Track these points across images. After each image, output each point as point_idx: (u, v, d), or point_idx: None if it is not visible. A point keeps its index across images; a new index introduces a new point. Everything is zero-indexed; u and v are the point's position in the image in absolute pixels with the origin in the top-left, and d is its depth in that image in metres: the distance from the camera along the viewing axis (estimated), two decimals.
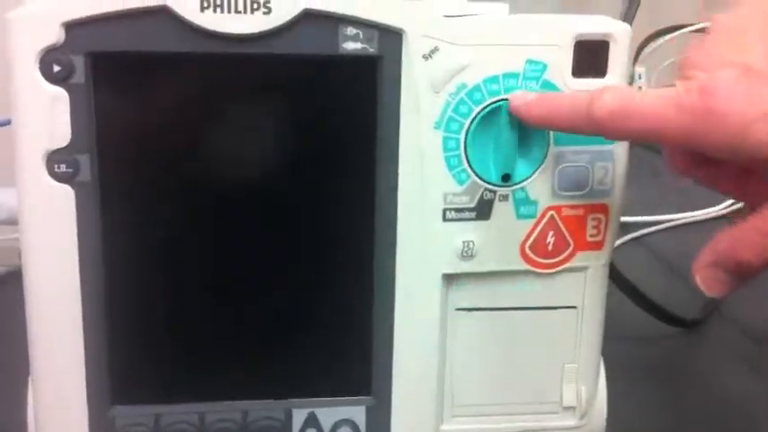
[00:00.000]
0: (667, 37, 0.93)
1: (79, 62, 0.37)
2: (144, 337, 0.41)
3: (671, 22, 0.95)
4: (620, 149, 0.42)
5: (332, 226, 0.41)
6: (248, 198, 0.40)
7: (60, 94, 0.37)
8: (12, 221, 0.44)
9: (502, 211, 0.41)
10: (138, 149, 0.39)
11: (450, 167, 0.41)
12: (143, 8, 0.37)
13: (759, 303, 0.66)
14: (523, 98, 0.39)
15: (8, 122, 0.39)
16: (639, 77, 0.88)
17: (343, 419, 0.43)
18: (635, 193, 0.43)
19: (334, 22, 0.38)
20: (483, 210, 0.41)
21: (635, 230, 0.75)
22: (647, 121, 0.34)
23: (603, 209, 0.42)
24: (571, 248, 0.43)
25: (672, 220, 0.78)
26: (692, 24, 0.93)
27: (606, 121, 0.35)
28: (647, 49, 0.94)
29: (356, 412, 0.43)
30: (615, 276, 0.55)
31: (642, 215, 0.77)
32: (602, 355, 0.45)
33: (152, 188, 0.40)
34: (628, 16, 0.83)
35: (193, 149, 0.39)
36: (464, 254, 0.42)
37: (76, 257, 0.39)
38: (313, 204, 0.41)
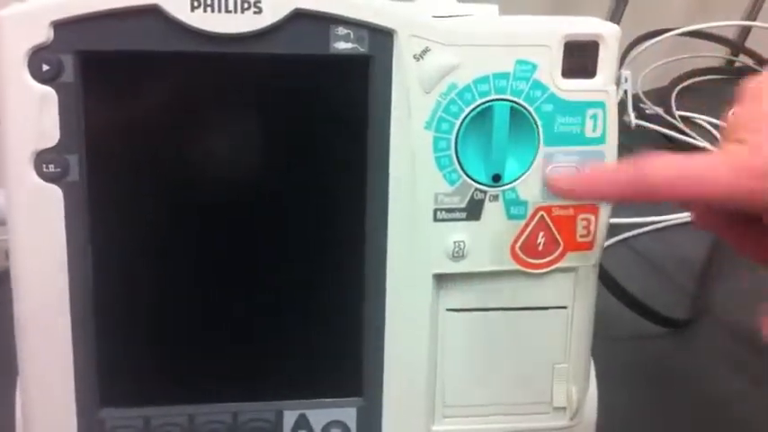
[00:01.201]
0: (653, 41, 0.93)
1: (68, 61, 0.37)
2: (133, 338, 0.41)
3: (656, 26, 0.95)
4: (610, 150, 0.42)
5: (322, 226, 0.41)
6: (238, 198, 0.40)
7: (49, 93, 0.37)
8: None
9: (492, 211, 0.41)
10: (128, 149, 0.39)
11: (441, 168, 0.41)
12: (133, 7, 0.37)
13: (747, 304, 0.66)
14: (564, 180, 0.39)
15: None
16: (625, 80, 0.89)
17: (333, 421, 0.43)
18: None
19: (325, 21, 0.38)
20: (473, 210, 0.41)
21: (622, 232, 0.75)
22: (700, 182, 0.35)
23: (593, 209, 0.42)
24: (561, 249, 0.43)
25: (658, 222, 0.79)
26: (677, 28, 0.93)
27: (664, 186, 0.36)
28: (633, 53, 0.94)
29: (347, 413, 0.43)
30: (603, 277, 0.55)
31: (629, 217, 0.77)
32: (591, 355, 0.45)
33: (141, 188, 0.39)
34: (614, 19, 0.84)
35: (183, 149, 0.39)
36: (455, 254, 0.42)
37: (65, 258, 0.39)
38: (303, 204, 0.41)
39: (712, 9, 1.04)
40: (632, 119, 0.92)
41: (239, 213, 0.40)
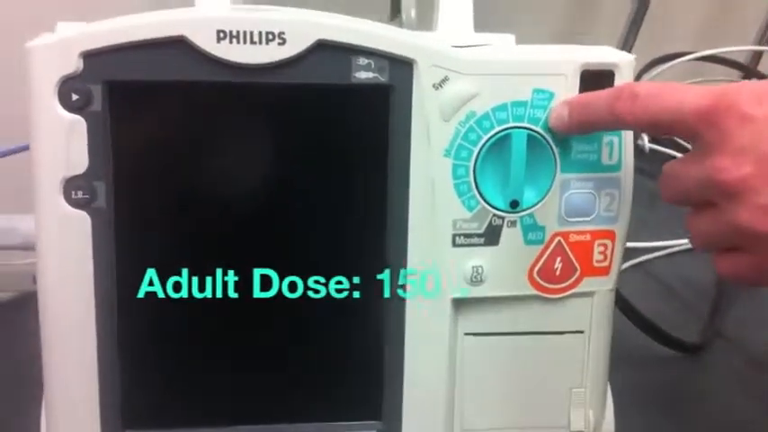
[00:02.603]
0: (666, 65, 0.94)
1: (97, 91, 0.38)
2: (157, 362, 0.42)
3: (668, 51, 0.96)
4: (626, 176, 0.43)
5: (343, 252, 0.42)
6: (261, 224, 0.41)
7: (78, 121, 0.38)
8: (26, 247, 0.44)
9: (510, 236, 0.42)
10: (154, 177, 0.40)
11: (460, 194, 0.41)
12: (160, 38, 0.37)
13: (759, 327, 0.67)
14: (560, 117, 0.41)
15: (26, 148, 0.40)
16: None
17: None
18: (634, 220, 0.44)
19: (346, 52, 0.39)
20: (492, 235, 0.42)
21: (636, 256, 0.75)
22: (682, 94, 0.36)
23: (610, 235, 0.43)
24: (578, 274, 0.43)
25: (671, 246, 0.79)
26: (689, 52, 0.94)
27: (646, 95, 0.37)
28: (646, 77, 0.95)
29: None
30: (618, 300, 0.56)
31: (643, 241, 0.77)
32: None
33: (167, 215, 0.40)
34: (627, 44, 0.84)
35: (208, 177, 0.40)
36: (473, 279, 0.42)
37: (92, 281, 0.40)
38: (325, 230, 0.41)
39: (724, 33, 1.05)
40: (646, 143, 0.93)
41: (261, 239, 0.41)
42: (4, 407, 0.51)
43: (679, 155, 0.95)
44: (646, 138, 0.92)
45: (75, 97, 0.38)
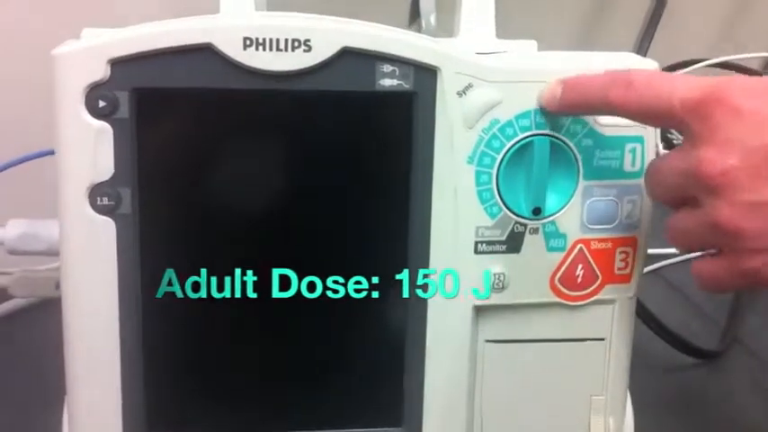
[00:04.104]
0: (682, 72, 0.94)
1: (124, 98, 0.38)
2: (180, 367, 0.42)
3: (682, 57, 0.96)
4: None
5: (365, 258, 0.42)
6: (285, 231, 0.41)
7: (105, 128, 0.38)
8: (50, 253, 0.44)
9: (532, 244, 0.42)
10: (180, 183, 0.40)
11: (483, 201, 0.41)
12: (187, 46, 0.38)
13: None
14: (552, 95, 0.40)
15: (48, 153, 0.40)
16: None
17: None
18: (653, 226, 0.44)
19: (371, 59, 0.39)
20: (514, 243, 0.42)
21: (653, 263, 0.75)
22: (672, 82, 0.36)
23: (631, 242, 0.43)
24: (599, 281, 0.43)
25: (688, 253, 0.79)
26: (704, 59, 0.94)
27: (639, 80, 0.36)
28: None
29: None
30: (637, 308, 0.56)
31: (661, 248, 0.77)
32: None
33: (192, 221, 0.40)
34: (642, 49, 0.84)
35: (234, 183, 0.40)
36: (495, 286, 0.42)
37: (116, 288, 0.40)
38: (347, 236, 0.41)
39: (738, 40, 1.05)
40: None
41: (284, 246, 0.41)
42: (26, 411, 0.52)
43: None
44: (660, 144, 0.92)
45: (102, 104, 0.38)
